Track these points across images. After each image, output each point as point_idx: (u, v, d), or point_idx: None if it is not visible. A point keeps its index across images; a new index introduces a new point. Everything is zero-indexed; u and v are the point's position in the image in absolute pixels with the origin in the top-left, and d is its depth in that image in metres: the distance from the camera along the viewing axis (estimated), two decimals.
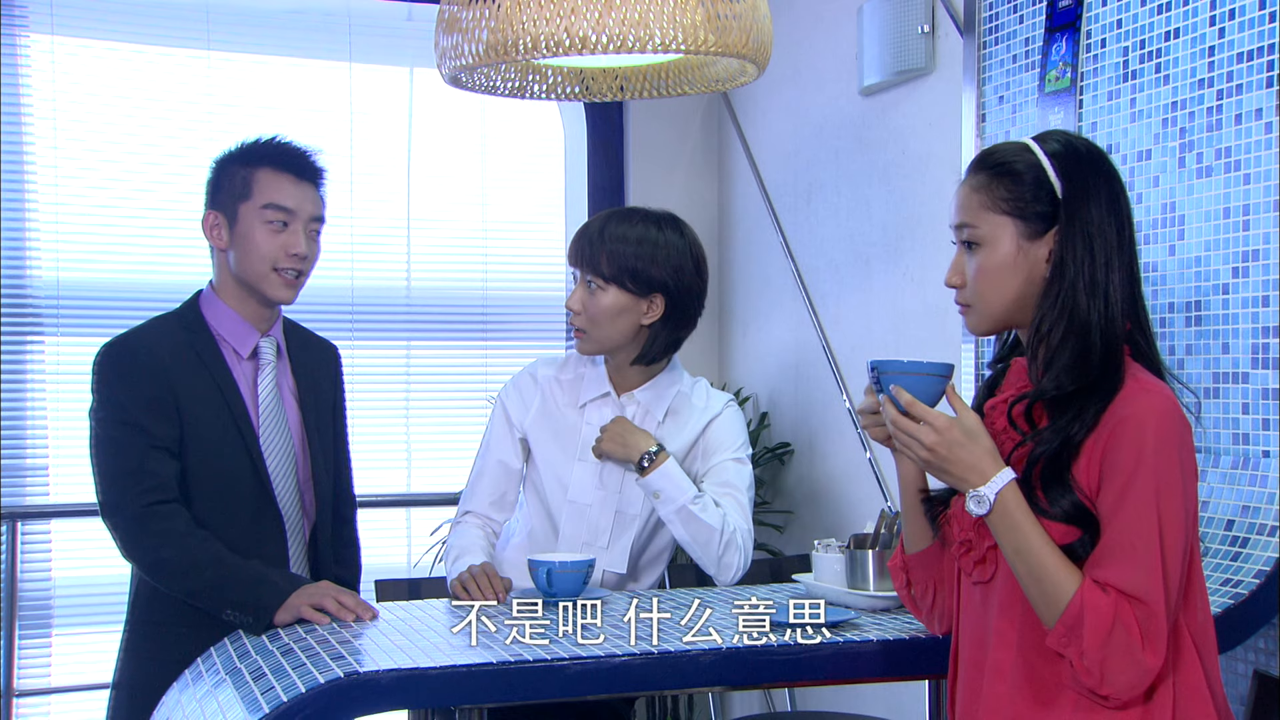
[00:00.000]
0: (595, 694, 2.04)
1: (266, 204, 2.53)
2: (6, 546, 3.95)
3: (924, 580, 2.00)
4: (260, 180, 2.55)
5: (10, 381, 4.02)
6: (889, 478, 3.73)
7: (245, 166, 2.57)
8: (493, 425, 2.75)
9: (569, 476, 2.67)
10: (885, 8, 3.64)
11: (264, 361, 2.58)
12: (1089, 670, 1.66)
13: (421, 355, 4.59)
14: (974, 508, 1.73)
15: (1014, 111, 3.02)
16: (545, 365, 2.77)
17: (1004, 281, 1.82)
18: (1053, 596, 1.68)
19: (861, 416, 1.94)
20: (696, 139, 4.75)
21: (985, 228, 1.82)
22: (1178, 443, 1.71)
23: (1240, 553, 2.37)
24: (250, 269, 2.54)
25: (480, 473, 2.74)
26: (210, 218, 2.58)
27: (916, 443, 1.77)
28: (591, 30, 2.51)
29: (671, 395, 2.71)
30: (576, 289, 2.66)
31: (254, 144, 2.62)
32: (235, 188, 2.56)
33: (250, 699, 1.95)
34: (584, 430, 2.68)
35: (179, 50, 4.30)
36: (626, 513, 2.66)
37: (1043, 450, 1.74)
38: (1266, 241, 2.40)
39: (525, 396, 2.73)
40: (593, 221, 2.70)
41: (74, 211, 4.15)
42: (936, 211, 3.52)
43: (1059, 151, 1.82)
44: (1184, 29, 2.57)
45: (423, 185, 4.58)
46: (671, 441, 2.67)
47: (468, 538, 2.66)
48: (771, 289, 4.40)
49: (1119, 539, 1.68)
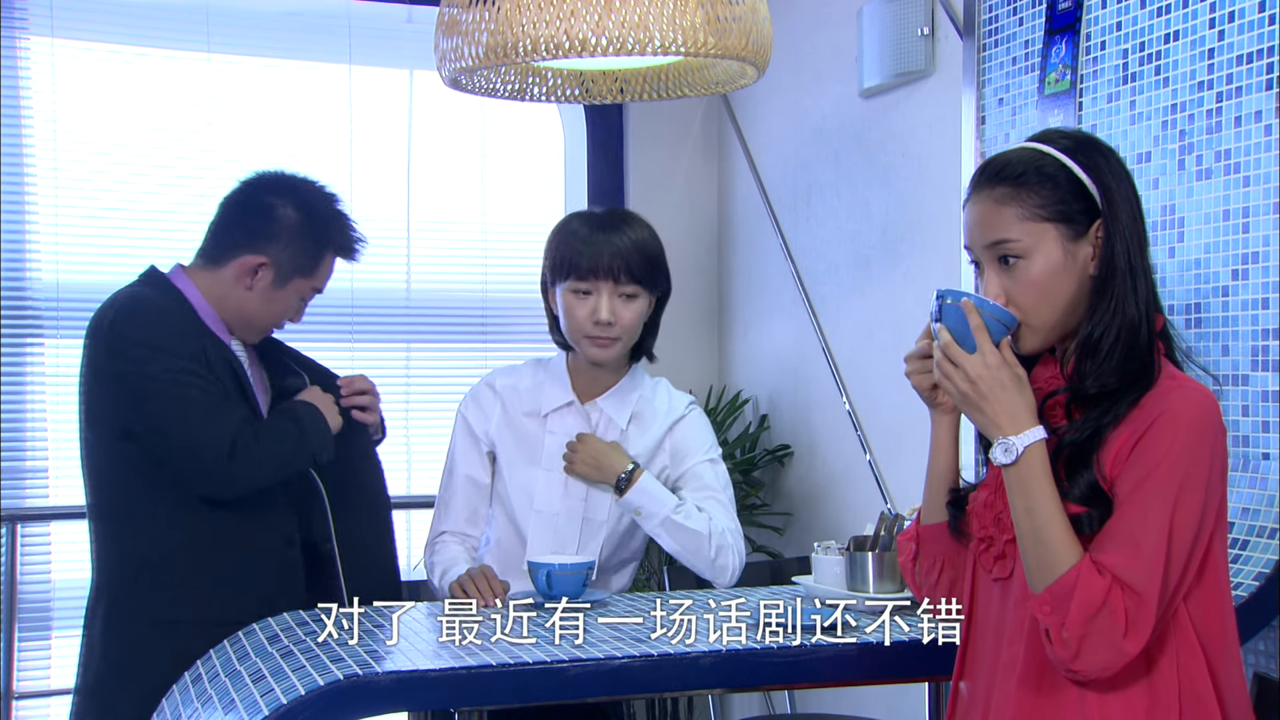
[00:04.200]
0: (595, 696, 2.04)
1: (317, 288, 2.63)
2: (6, 549, 3.95)
3: (933, 554, 1.97)
4: (325, 264, 2.62)
5: (10, 383, 4.01)
6: (889, 480, 3.73)
7: (319, 244, 2.60)
8: (457, 442, 2.70)
9: (534, 486, 2.64)
10: (885, 10, 3.64)
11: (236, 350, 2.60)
12: (1065, 643, 1.66)
13: (421, 357, 4.59)
14: (1000, 455, 1.71)
15: (1014, 114, 3.02)
16: (503, 375, 2.73)
17: (1057, 289, 1.78)
18: (1050, 564, 1.68)
19: (909, 363, 1.90)
20: (696, 141, 4.76)
21: (1027, 239, 1.77)
22: (1211, 441, 1.71)
23: (1240, 555, 2.37)
24: (256, 321, 2.59)
25: (451, 491, 2.70)
26: (258, 262, 2.55)
27: (961, 372, 1.73)
28: (591, 33, 2.51)
29: (634, 400, 2.68)
30: (603, 299, 2.54)
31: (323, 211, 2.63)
32: (301, 259, 2.58)
33: (250, 702, 1.95)
34: (547, 440, 2.65)
35: (179, 53, 4.29)
36: (593, 520, 2.64)
37: (1072, 439, 1.74)
38: (1266, 244, 2.40)
39: (486, 408, 2.69)
40: (581, 233, 2.58)
41: (74, 214, 4.14)
42: (936, 213, 3.53)
43: (1073, 148, 1.80)
44: (1183, 31, 2.57)
45: (422, 188, 4.57)
46: (636, 445, 2.66)
47: (449, 553, 2.64)
48: (771, 291, 4.40)
49: (1127, 526, 1.68)
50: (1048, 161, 1.79)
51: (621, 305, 2.56)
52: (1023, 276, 1.78)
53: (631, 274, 2.55)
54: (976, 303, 1.74)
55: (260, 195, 2.60)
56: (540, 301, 2.72)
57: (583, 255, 2.55)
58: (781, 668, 2.10)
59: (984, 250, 1.81)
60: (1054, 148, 1.80)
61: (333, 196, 2.67)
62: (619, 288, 2.55)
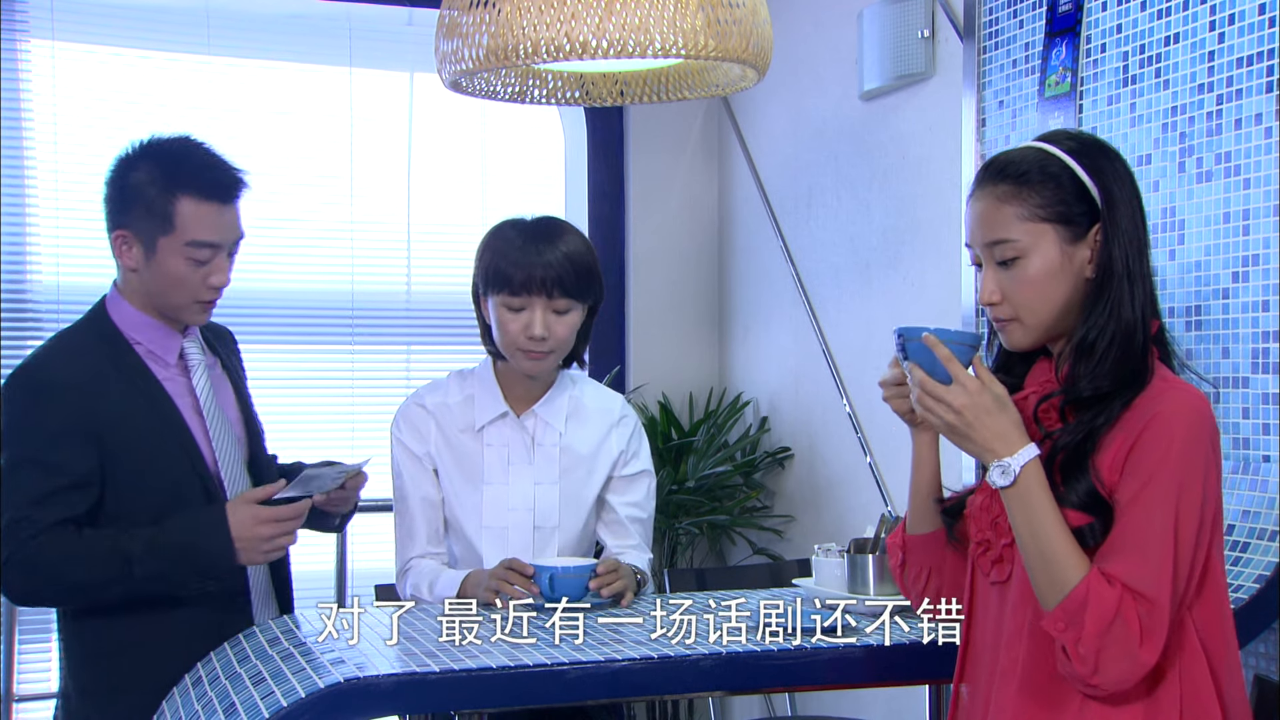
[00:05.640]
0: (596, 699, 2.04)
1: (191, 240, 2.34)
2: None
3: (920, 563, 1.99)
4: (183, 213, 2.33)
5: None
6: (889, 482, 3.74)
7: (164, 193, 2.34)
8: (401, 467, 2.65)
9: (480, 502, 2.62)
10: (885, 12, 3.64)
11: (193, 364, 2.45)
12: (1083, 659, 1.66)
13: (422, 360, 4.59)
14: (997, 478, 1.71)
15: (1014, 116, 3.02)
16: (430, 392, 2.68)
17: (1053, 289, 1.78)
18: (1059, 580, 1.68)
19: (884, 389, 1.91)
20: (697, 143, 4.76)
21: (1025, 239, 1.77)
22: (1206, 442, 1.71)
23: (1240, 557, 2.37)
24: (168, 300, 2.39)
25: (410, 518, 2.64)
26: (120, 237, 2.39)
27: (944, 405, 1.72)
28: (592, 35, 2.51)
29: (566, 401, 2.67)
30: (537, 315, 2.51)
31: (169, 161, 2.38)
32: (153, 217, 2.34)
33: (250, 704, 1.95)
34: (486, 454, 2.63)
35: (179, 55, 4.30)
36: (544, 527, 2.63)
37: (1066, 442, 1.74)
38: (1266, 246, 2.40)
39: (421, 428, 2.64)
40: (515, 243, 2.55)
41: (75, 216, 4.15)
42: (936, 216, 3.53)
43: (1078, 150, 1.80)
44: (1184, 34, 2.57)
45: (423, 190, 4.58)
46: (582, 446, 2.65)
47: (427, 568, 2.60)
48: (771, 293, 4.40)
49: (1132, 534, 1.68)
50: (1052, 162, 1.79)
51: (555, 320, 2.53)
52: (1019, 275, 1.78)
53: (564, 289, 2.52)
54: (938, 334, 1.75)
55: (116, 171, 2.44)
56: None
57: (516, 270, 2.52)
58: (782, 670, 2.10)
59: (983, 248, 1.81)
60: (1059, 148, 1.80)
61: (184, 139, 2.42)
62: (552, 303, 2.52)
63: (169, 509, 2.34)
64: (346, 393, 4.49)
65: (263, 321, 4.30)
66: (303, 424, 4.35)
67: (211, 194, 2.37)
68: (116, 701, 2.37)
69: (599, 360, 4.60)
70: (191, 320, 2.44)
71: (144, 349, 2.42)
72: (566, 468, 2.64)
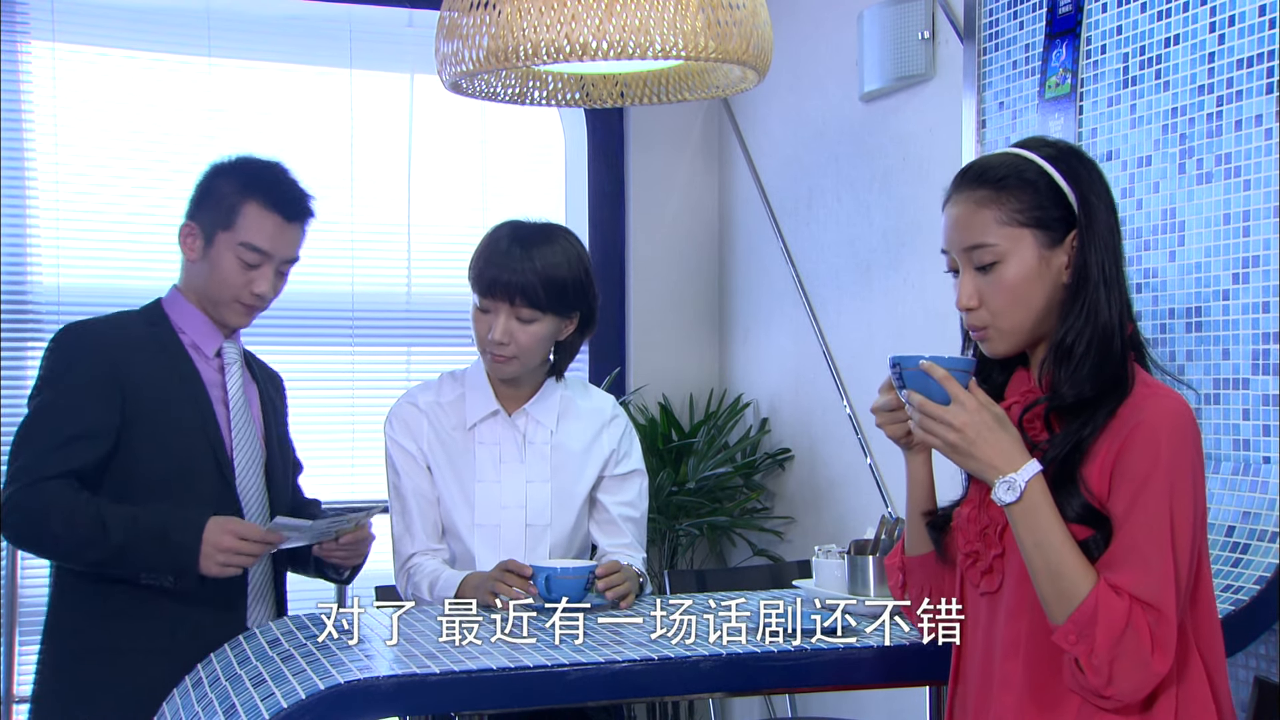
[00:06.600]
0: (596, 700, 2.04)
1: (244, 242, 2.50)
2: (7, 552, 3.96)
3: (920, 584, 2.00)
4: (247, 214, 2.50)
5: (10, 386, 4.01)
6: (890, 483, 3.74)
7: (237, 193, 2.51)
8: (396, 466, 2.67)
9: (472, 499, 2.64)
10: (886, 14, 3.64)
11: (229, 361, 2.57)
12: (1096, 670, 1.66)
13: (422, 361, 4.59)
14: (1003, 494, 1.70)
15: (1014, 117, 3.02)
16: (422, 392, 2.71)
17: (1030, 295, 1.79)
18: (1068, 593, 1.68)
19: (877, 415, 1.91)
20: (697, 145, 4.76)
21: (1003, 243, 1.78)
22: (1191, 446, 1.71)
23: (1241, 559, 2.37)
24: (212, 293, 2.53)
25: (408, 516, 2.66)
26: (188, 228, 2.55)
27: (945, 425, 1.72)
28: (592, 37, 2.51)
29: (557, 400, 2.69)
30: (499, 319, 2.55)
31: (253, 168, 2.56)
32: (220, 213, 2.51)
33: (250, 706, 1.95)
34: (478, 451, 2.65)
35: (180, 57, 4.30)
36: (536, 525, 2.64)
37: (1054, 454, 1.74)
38: (1267, 247, 2.40)
39: (414, 427, 2.67)
40: (500, 245, 2.59)
41: (75, 217, 4.15)
42: (937, 218, 3.49)
43: (1055, 156, 1.81)
44: (1184, 35, 2.57)
45: (423, 191, 4.58)
46: (573, 444, 2.67)
47: (428, 567, 2.61)
48: (772, 295, 4.40)
49: (1132, 543, 1.68)
50: (1029, 167, 1.80)
51: (517, 327, 2.56)
52: (996, 280, 1.79)
53: (528, 298, 2.53)
54: (934, 360, 1.76)
55: (207, 174, 2.59)
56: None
57: (486, 272, 2.57)
58: (782, 671, 2.10)
59: (960, 253, 1.83)
60: (1036, 154, 1.81)
61: (276, 161, 2.62)
62: (515, 310, 2.55)
63: (181, 479, 2.46)
64: (347, 393, 4.49)
65: (263, 322, 4.27)
66: (302, 425, 4.31)
67: (277, 206, 2.53)
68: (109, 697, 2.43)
69: (599, 362, 4.60)
70: (232, 321, 2.57)
71: (187, 339, 2.55)
72: (558, 465, 2.65)
